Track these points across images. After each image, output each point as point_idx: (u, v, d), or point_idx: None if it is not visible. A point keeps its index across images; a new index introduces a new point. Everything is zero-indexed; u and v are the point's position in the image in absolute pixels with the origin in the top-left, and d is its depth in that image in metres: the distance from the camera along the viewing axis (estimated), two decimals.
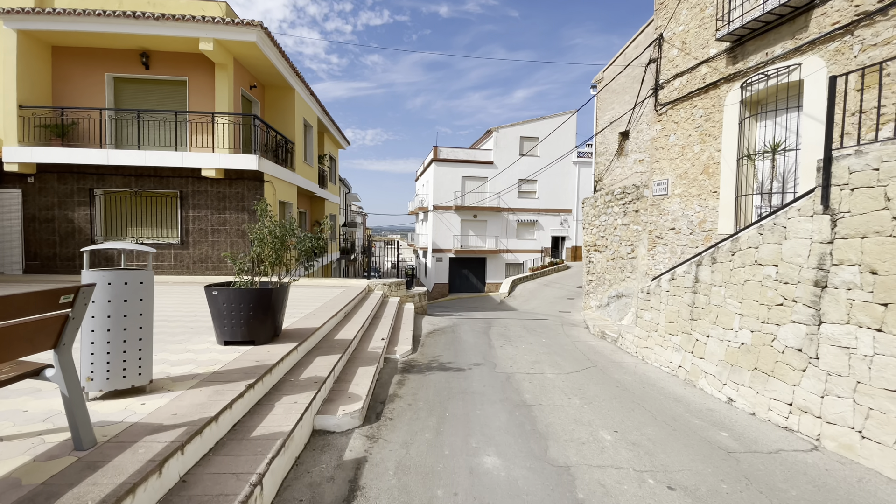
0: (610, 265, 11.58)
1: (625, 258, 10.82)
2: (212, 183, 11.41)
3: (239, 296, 4.44)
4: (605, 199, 11.87)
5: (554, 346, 7.79)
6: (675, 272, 6.09)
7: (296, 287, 10.17)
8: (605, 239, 11.87)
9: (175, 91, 11.93)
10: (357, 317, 7.54)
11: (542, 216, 30.61)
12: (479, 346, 7.49)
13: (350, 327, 6.58)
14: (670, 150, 9.12)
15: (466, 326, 9.72)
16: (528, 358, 6.70)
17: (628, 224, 10.78)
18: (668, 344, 6.17)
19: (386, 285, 11.07)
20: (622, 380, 5.62)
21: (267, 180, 11.52)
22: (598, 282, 12.23)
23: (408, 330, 8.12)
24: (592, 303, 12.55)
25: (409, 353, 6.69)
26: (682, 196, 8.78)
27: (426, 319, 10.53)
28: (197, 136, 11.41)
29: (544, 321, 11.41)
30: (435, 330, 9.09)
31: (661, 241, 9.28)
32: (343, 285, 10.73)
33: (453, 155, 29.07)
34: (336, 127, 20.21)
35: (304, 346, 4.87)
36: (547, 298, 19.17)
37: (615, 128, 17.74)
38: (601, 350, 7.49)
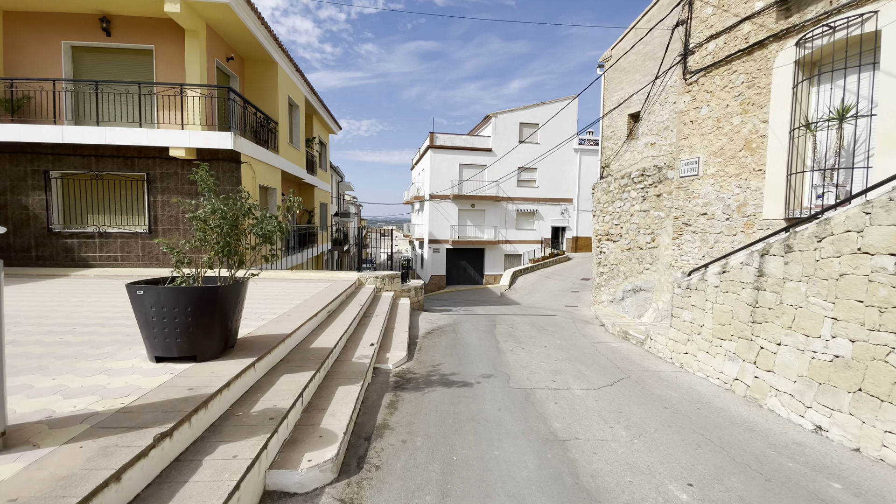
0: (625, 256, 10.51)
1: (643, 248, 9.74)
2: (183, 165, 10.18)
3: (174, 296, 3.30)
4: (621, 184, 10.76)
5: (571, 349, 6.71)
6: (728, 263, 5.00)
7: (275, 281, 9.03)
8: (620, 227, 10.78)
9: (141, 61, 10.62)
10: (343, 316, 6.41)
11: (542, 206, 29.51)
12: (485, 351, 6.40)
13: (333, 330, 5.45)
14: (702, 123, 8.00)
15: (469, 325, 8.63)
16: (546, 366, 5.61)
17: (648, 210, 9.69)
18: (717, 350, 5.11)
19: (379, 279, 9.94)
20: (667, 397, 4.55)
21: (245, 161, 10.30)
22: (611, 274, 11.17)
23: (402, 331, 7.01)
24: (604, 297, 11.50)
25: (404, 360, 5.58)
26: (716, 176, 7.68)
27: (423, 316, 9.43)
28: (166, 112, 10.15)
29: (552, 317, 10.35)
30: (433, 329, 7.99)
31: (688, 229, 8.20)
32: (331, 279, 9.59)
33: (450, 142, 27.80)
34: (326, 109, 18.91)
35: (265, 360, 3.75)
36: (550, 291, 18.13)
37: (624, 109, 16.65)
38: (628, 355, 6.42)
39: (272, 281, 9.01)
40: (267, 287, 8.08)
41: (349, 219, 35.04)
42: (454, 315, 10.05)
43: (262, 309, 5.82)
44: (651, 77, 12.42)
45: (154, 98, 10.17)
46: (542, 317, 10.40)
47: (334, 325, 5.82)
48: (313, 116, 18.58)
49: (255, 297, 6.88)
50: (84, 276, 9.32)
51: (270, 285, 8.37)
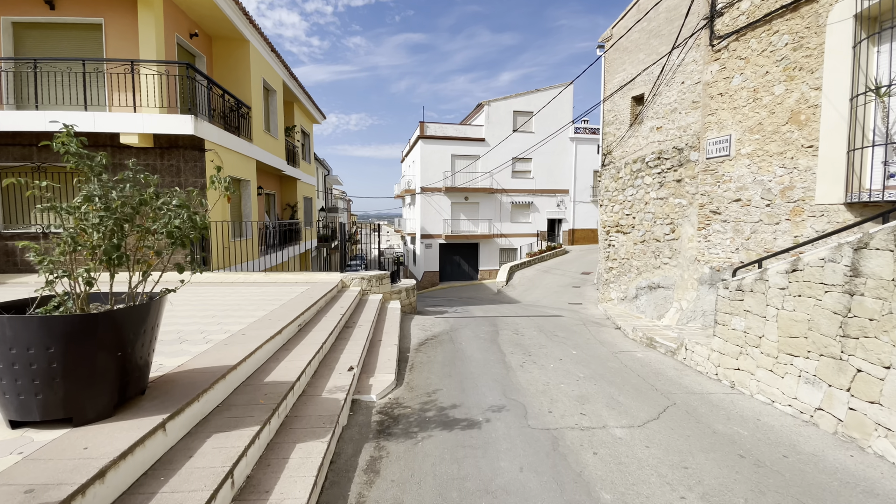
0: (639, 249, 9.47)
1: (661, 240, 8.70)
2: (138, 154, 8.91)
3: (26, 330, 2.15)
4: (633, 169, 9.69)
5: (592, 362, 5.65)
6: (803, 261, 3.95)
7: (243, 286, 7.85)
8: (632, 217, 9.72)
9: (89, 37, 9.29)
10: (318, 330, 5.27)
11: (538, 197, 28.46)
12: (490, 367, 5.31)
13: (301, 351, 4.32)
14: (734, 96, 6.94)
15: (468, 331, 7.54)
16: (568, 389, 4.54)
17: (666, 198, 8.63)
18: (785, 369, 4.06)
19: (365, 280, 8.80)
20: (735, 436, 3.49)
21: (209, 149, 9.06)
22: (622, 269, 10.14)
23: (391, 343, 5.89)
24: (614, 294, 10.48)
25: (392, 387, 4.47)
26: (752, 156, 6.63)
27: (416, 322, 8.32)
28: (119, 94, 8.85)
29: (559, 318, 9.30)
30: (428, 339, 6.89)
31: (717, 218, 7.16)
32: (310, 281, 8.43)
33: (441, 131, 26.58)
34: (308, 96, 17.60)
35: (187, 414, 2.61)
36: (550, 287, 17.11)
37: (627, 92, 15.59)
38: (661, 369, 5.37)
39: (239, 286, 7.83)
40: (231, 294, 6.91)
41: (338, 214, 33.73)
42: (450, 318, 8.95)
43: (213, 326, 4.66)
44: (656, 56, 11.38)
45: (104, 78, 8.87)
46: (547, 318, 9.35)
47: (305, 342, 4.68)
48: (294, 104, 17.27)
49: (211, 307, 5.72)
50: (24, 284, 8.06)
51: (235, 291, 7.20)
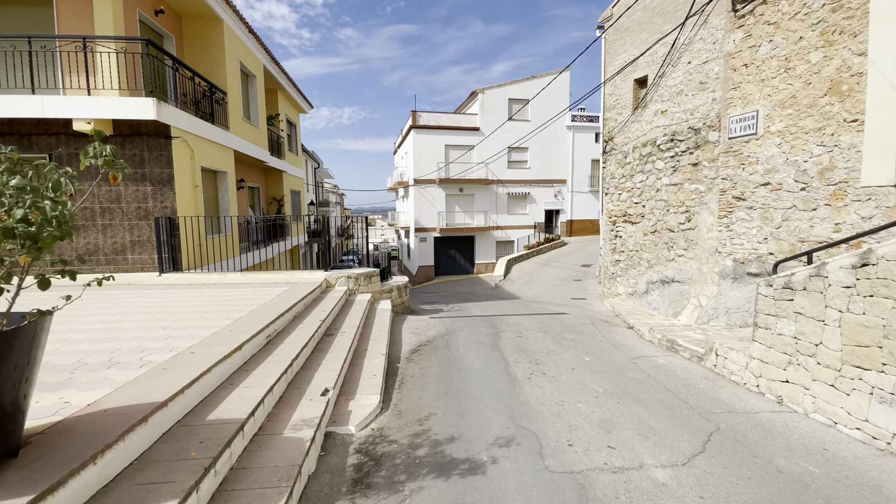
0: (649, 240, 8.75)
1: (675, 230, 7.97)
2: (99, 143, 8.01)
3: None
4: (642, 153, 8.93)
5: (610, 371, 4.92)
6: (876, 253, 3.21)
7: (214, 288, 7.03)
8: (642, 206, 8.98)
9: (39, 14, 8.32)
10: (290, 342, 4.49)
11: (535, 188, 27.68)
12: (493, 381, 4.57)
13: (264, 373, 3.54)
14: (761, 66, 6.17)
15: (465, 334, 6.79)
16: (588, 410, 3.80)
17: (681, 183, 7.89)
18: (852, 385, 3.34)
19: (352, 279, 8.01)
20: (805, 475, 2.78)
21: (176, 137, 8.18)
22: (631, 262, 9.42)
23: (378, 354, 5.12)
24: (621, 289, 9.77)
25: (376, 412, 3.71)
26: (784, 134, 5.89)
27: (408, 323, 7.57)
28: (74, 77, 7.93)
29: (564, 317, 8.58)
30: (421, 345, 6.14)
31: (742, 204, 6.43)
32: (290, 281, 7.63)
33: (434, 121, 25.65)
34: (292, 83, 16.64)
35: (68, 489, 1.83)
36: (550, 281, 16.40)
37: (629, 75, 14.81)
38: (690, 379, 4.65)
39: (209, 288, 7.02)
40: (196, 298, 6.10)
41: (329, 208, 32.79)
42: (446, 319, 8.20)
43: (159, 342, 3.86)
44: (660, 35, 10.62)
45: (57, 59, 7.94)
46: (551, 317, 8.62)
47: (272, 358, 3.90)
48: (278, 92, 16.31)
49: (168, 315, 4.91)
50: None
51: (203, 295, 6.39)
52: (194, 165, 8.78)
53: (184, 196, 8.40)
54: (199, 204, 8.95)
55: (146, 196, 8.14)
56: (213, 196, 10.35)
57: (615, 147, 16.22)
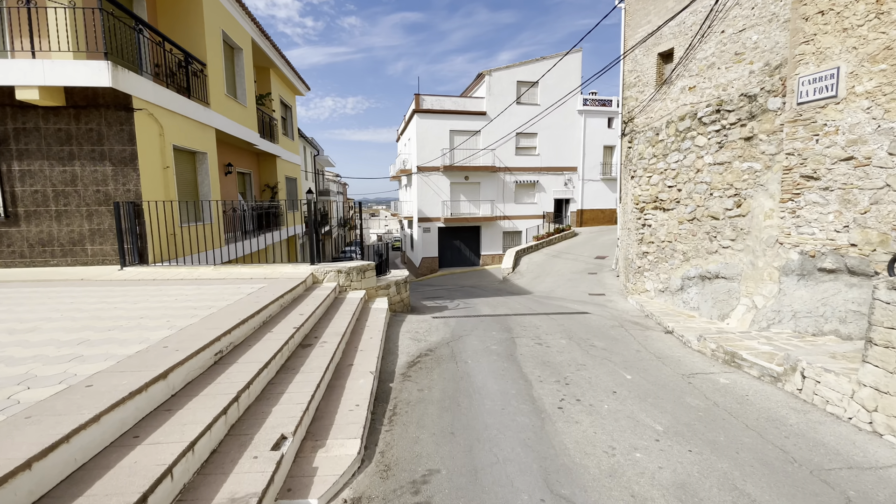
0: (686, 229, 7.58)
1: (720, 217, 6.80)
2: (46, 115, 6.94)
3: None
4: (679, 128, 7.72)
5: (663, 396, 3.82)
6: None
7: (178, 284, 5.96)
8: (678, 189, 7.80)
9: None
10: (246, 360, 3.41)
11: (544, 176, 26.41)
12: (514, 412, 3.49)
13: (191, 415, 2.47)
14: (843, 12, 4.93)
15: (474, 340, 5.71)
16: (654, 468, 2.71)
17: (728, 162, 6.69)
18: None
19: (343, 273, 6.93)
20: None
21: (139, 109, 7.07)
22: (662, 254, 8.26)
23: (364, 373, 4.05)
24: (650, 284, 8.63)
25: (353, 469, 2.64)
26: (874, 95, 4.68)
27: (407, 326, 6.50)
28: (25, 40, 6.81)
29: (586, 317, 7.47)
30: (421, 355, 5.06)
31: (814, 184, 5.25)
32: (269, 276, 6.56)
33: (439, 104, 24.36)
34: (286, 61, 15.44)
35: None
36: (563, 274, 15.27)
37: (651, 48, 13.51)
38: (774, 412, 3.54)
39: (172, 285, 5.94)
40: (149, 298, 5.02)
41: (330, 197, 31.71)
42: (451, 319, 7.12)
43: (53, 367, 2.79)
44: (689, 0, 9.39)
45: (4, 17, 6.82)
46: (570, 317, 7.52)
47: (210, 391, 2.83)
48: (270, 71, 15.13)
49: (101, 321, 3.84)
50: None
51: (161, 293, 5.31)
52: (164, 143, 7.69)
53: (151, 178, 7.32)
54: (171, 188, 7.87)
55: (106, 178, 7.07)
56: (192, 180, 9.27)
57: (636, 129, 14.95)
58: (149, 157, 7.28)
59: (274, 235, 13.89)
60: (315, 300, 5.64)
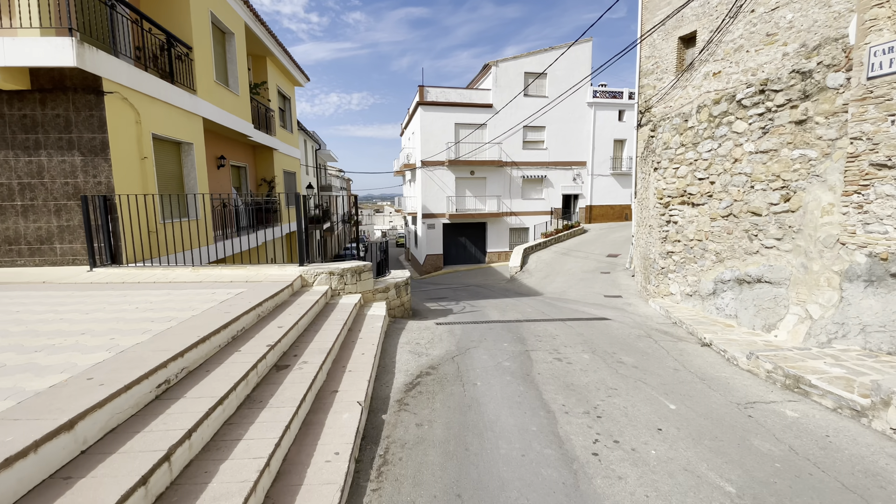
0: (720, 227, 6.78)
1: (762, 213, 5.99)
2: (10, 100, 6.25)
3: None
4: (713, 113, 6.89)
5: (725, 440, 3.07)
6: None
7: (144, 289, 5.23)
8: (710, 182, 6.99)
9: None
10: (196, 395, 2.69)
11: (552, 170, 25.54)
12: (538, 464, 2.76)
13: (91, 490, 1.77)
14: None
15: (483, 354, 4.98)
16: None
17: (775, 150, 5.87)
18: None
19: (335, 276, 6.21)
20: None
21: (111, 92, 6.36)
22: (690, 254, 7.47)
23: (350, 403, 3.32)
24: (675, 287, 7.84)
25: None
26: None
27: (407, 334, 5.77)
28: None
29: (607, 324, 6.71)
30: (421, 375, 4.33)
31: (888, 174, 4.42)
32: (251, 280, 5.84)
33: (444, 97, 23.54)
34: (284, 50, 14.71)
35: None
36: (574, 273, 14.47)
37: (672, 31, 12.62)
38: (866, 459, 2.78)
39: (142, 288, 5.23)
40: (109, 304, 4.31)
41: (332, 192, 31.02)
42: (457, 326, 6.38)
43: None
44: None
45: None
46: (588, 323, 6.76)
47: (132, 446, 2.12)
48: (266, 59, 14.40)
49: (37, 336, 3.12)
50: None
51: (122, 300, 4.60)
52: (141, 132, 6.99)
53: (125, 169, 6.63)
54: (150, 180, 7.18)
55: (75, 169, 6.38)
56: (176, 173, 8.58)
57: (652, 119, 14.08)
58: (122, 147, 6.59)
59: (270, 232, 13.23)
60: (301, 308, 4.92)
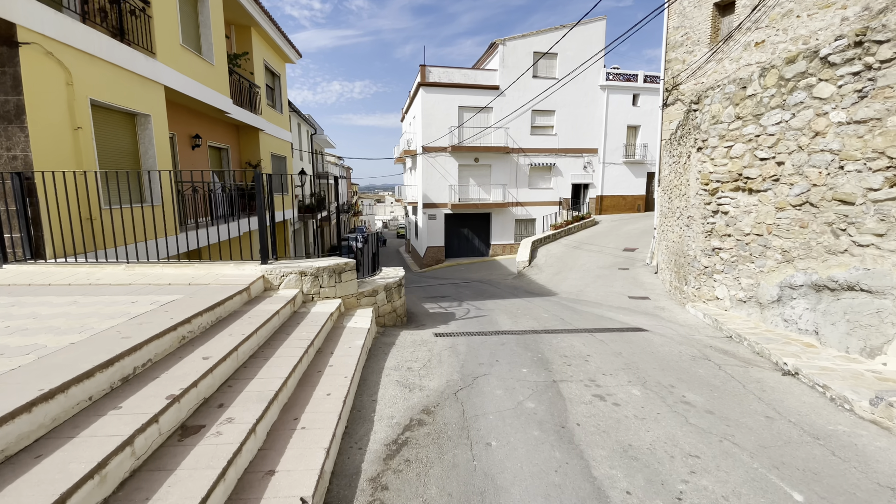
0: (790, 218, 5.43)
1: (858, 201, 4.64)
2: None
3: None
4: (785, 74, 5.47)
5: None
6: None
7: (48, 294, 3.92)
8: (776, 163, 5.61)
9: None
10: None
11: (561, 158, 24.09)
12: None
13: None
14: None
15: (497, 388, 3.69)
16: None
17: (878, 119, 4.49)
18: None
19: (307, 276, 4.91)
20: None
21: (28, 43, 5.02)
22: (746, 252, 6.13)
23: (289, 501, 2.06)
24: (722, 291, 6.53)
25: None
26: None
27: (396, 354, 4.49)
28: None
29: (644, 337, 5.42)
30: (411, 425, 3.04)
31: None
32: (196, 281, 4.53)
33: (447, 77, 22.02)
34: (270, 19, 13.25)
35: None
36: (588, 269, 13.15)
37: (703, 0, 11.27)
38: None
39: (47, 292, 3.90)
40: None
41: (329, 180, 29.64)
42: (461, 338, 5.10)
43: None
44: None
45: None
46: (622, 335, 5.47)
47: None
48: (251, 30, 12.95)
49: None
50: None
51: (6, 311, 3.31)
52: (74, 96, 5.65)
53: (49, 141, 5.32)
54: (88, 157, 5.86)
55: None
56: (129, 149, 7.25)
57: (681, 97, 12.61)
58: (46, 113, 5.27)
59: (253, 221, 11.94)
60: (251, 322, 3.63)
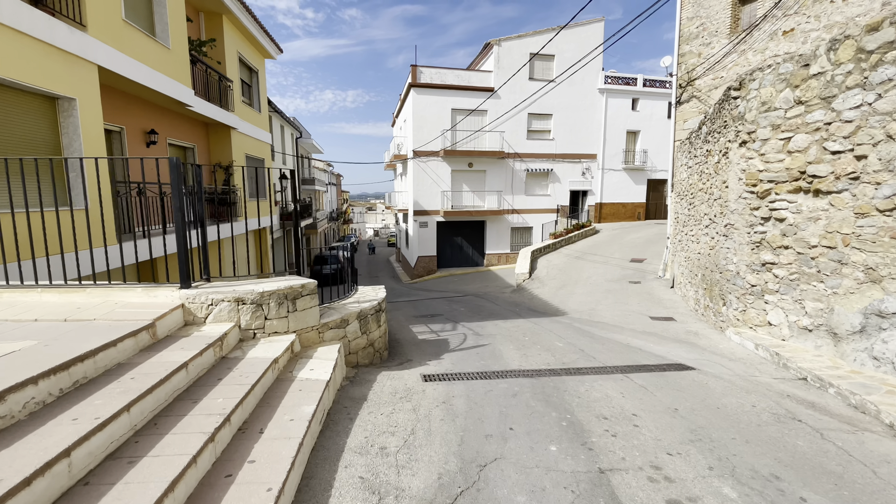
0: (877, 226, 4.21)
1: None
2: None
3: None
4: (865, 46, 4.28)
5: None
6: None
7: None
8: (854, 157, 4.41)
9: None
10: None
11: (559, 163, 23.02)
12: None
13: None
14: None
15: (518, 493, 2.38)
16: None
17: None
18: None
19: (246, 305, 3.57)
20: None
21: None
22: (811, 269, 4.90)
23: None
24: (777, 316, 5.29)
25: None
26: None
27: (369, 411, 3.17)
28: None
29: (697, 380, 4.16)
30: None
31: None
32: (76, 316, 3.17)
33: (440, 78, 20.89)
34: (246, 9, 11.98)
35: None
36: (596, 283, 11.90)
37: None
38: None
39: None
40: None
41: (316, 186, 28.26)
42: (457, 384, 3.78)
43: None
44: None
45: None
46: (666, 377, 4.20)
47: None
48: (223, 17, 11.65)
49: None
50: None
51: None
52: None
53: None
54: None
55: None
56: (48, 140, 5.87)
57: (697, 93, 11.52)
58: None
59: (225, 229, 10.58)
60: (137, 384, 2.29)
